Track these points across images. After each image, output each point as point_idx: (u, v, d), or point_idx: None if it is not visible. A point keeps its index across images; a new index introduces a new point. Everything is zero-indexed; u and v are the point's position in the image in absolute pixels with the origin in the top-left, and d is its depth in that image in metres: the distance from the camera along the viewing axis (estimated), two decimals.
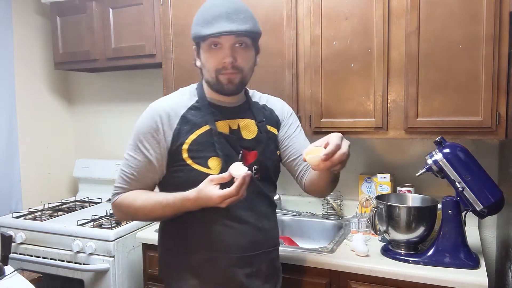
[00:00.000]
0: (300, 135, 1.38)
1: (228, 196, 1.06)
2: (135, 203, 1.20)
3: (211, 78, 1.19)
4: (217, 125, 1.21)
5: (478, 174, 1.42)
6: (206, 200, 1.09)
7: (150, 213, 1.20)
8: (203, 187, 1.10)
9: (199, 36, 1.15)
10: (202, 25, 1.14)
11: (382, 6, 1.63)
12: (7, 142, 2.33)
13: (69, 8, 2.32)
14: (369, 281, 1.48)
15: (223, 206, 1.08)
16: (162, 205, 1.17)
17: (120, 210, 1.24)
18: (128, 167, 1.21)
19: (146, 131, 1.18)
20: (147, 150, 1.18)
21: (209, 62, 1.18)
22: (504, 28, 1.49)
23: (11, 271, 1.43)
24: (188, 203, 1.13)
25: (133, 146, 1.21)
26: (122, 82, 2.58)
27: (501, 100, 1.51)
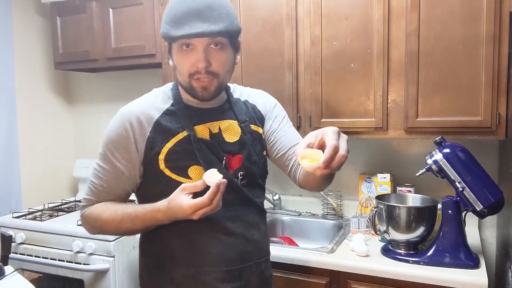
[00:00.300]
0: (287, 126, 1.26)
1: (200, 206, 0.96)
2: (102, 215, 1.11)
3: (184, 82, 1.08)
4: (195, 130, 1.10)
5: (478, 174, 1.42)
6: (177, 211, 1.00)
7: (119, 226, 1.09)
8: (174, 197, 1.01)
9: (168, 36, 1.02)
10: (170, 24, 1.01)
11: (382, 6, 1.63)
12: (7, 142, 2.33)
13: (69, 8, 2.32)
14: (369, 281, 1.48)
15: (194, 218, 0.98)
16: (131, 217, 1.07)
17: (88, 223, 1.15)
18: (97, 177, 1.12)
19: (115, 139, 1.09)
20: (117, 160, 1.09)
21: (181, 65, 1.06)
22: (504, 28, 1.49)
23: (11, 271, 1.43)
24: (158, 215, 1.04)
25: (102, 155, 1.11)
26: (122, 82, 2.58)
27: (501, 100, 1.51)
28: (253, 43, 1.87)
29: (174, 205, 1.00)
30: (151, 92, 1.18)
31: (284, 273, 1.59)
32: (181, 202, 0.99)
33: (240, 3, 1.87)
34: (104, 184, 1.12)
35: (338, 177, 2.10)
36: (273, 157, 1.26)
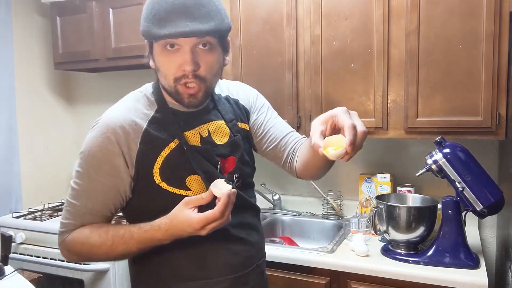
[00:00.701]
0: (273, 117, 1.19)
1: (211, 219, 0.87)
2: (89, 239, 0.96)
3: (168, 86, 0.96)
4: (186, 137, 1.00)
5: (478, 174, 1.42)
6: (182, 228, 0.90)
7: (110, 250, 0.95)
8: (177, 212, 0.91)
9: (150, 35, 0.92)
10: (152, 21, 0.90)
11: (382, 5, 1.63)
12: (7, 142, 2.33)
13: (69, 8, 2.32)
14: (369, 281, 1.48)
15: (203, 234, 0.89)
16: (125, 239, 0.94)
17: (72, 250, 1.00)
18: (79, 197, 0.97)
19: (98, 154, 0.95)
20: (103, 176, 0.96)
21: (164, 67, 0.95)
22: (504, 27, 1.49)
23: (11, 271, 1.43)
24: (158, 234, 0.92)
25: (82, 173, 0.97)
26: (122, 82, 2.58)
27: (501, 100, 1.51)
28: (253, 43, 1.87)
29: (179, 222, 0.90)
30: (130, 96, 1.05)
31: (284, 273, 1.59)
32: (188, 217, 0.89)
33: (240, 3, 1.87)
34: (89, 205, 0.98)
35: (338, 177, 2.11)
36: (263, 150, 1.19)
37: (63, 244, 1.01)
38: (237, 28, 1.88)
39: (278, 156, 1.18)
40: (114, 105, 1.03)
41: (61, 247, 1.02)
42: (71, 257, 1.04)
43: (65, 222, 1.00)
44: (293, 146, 1.17)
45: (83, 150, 0.99)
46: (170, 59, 0.93)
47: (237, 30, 1.88)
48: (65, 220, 1.00)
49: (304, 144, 1.14)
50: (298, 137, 1.20)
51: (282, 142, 1.17)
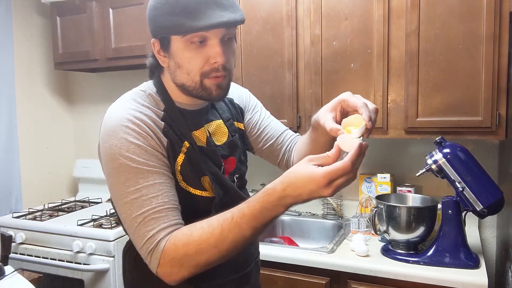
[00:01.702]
0: (266, 115, 1.18)
1: (341, 172, 0.72)
2: (193, 236, 0.81)
3: (192, 82, 0.91)
4: (194, 137, 0.97)
5: (478, 174, 1.42)
6: (303, 185, 0.75)
7: (220, 242, 0.80)
8: (296, 168, 0.77)
9: (184, 29, 0.85)
10: (182, 15, 0.84)
11: (382, 5, 1.63)
12: (7, 142, 2.33)
13: (69, 8, 2.32)
14: (369, 281, 1.48)
15: (327, 194, 0.74)
16: (235, 221, 0.79)
17: (175, 260, 0.81)
18: (149, 200, 0.83)
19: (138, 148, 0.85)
20: (157, 167, 0.86)
21: (192, 63, 0.89)
22: (504, 27, 1.49)
23: (11, 271, 1.43)
24: (273, 199, 0.77)
25: (135, 175, 0.83)
26: (122, 82, 2.58)
27: (501, 100, 1.51)
28: (253, 43, 1.87)
29: (300, 178, 0.75)
30: (133, 95, 0.96)
31: (284, 273, 1.59)
32: (311, 171, 0.74)
33: (240, 3, 1.87)
34: (165, 199, 0.85)
35: None
36: (259, 149, 1.17)
37: (164, 258, 0.81)
38: (237, 28, 1.88)
39: (274, 154, 1.17)
40: (117, 104, 0.93)
41: (163, 266, 0.82)
42: (177, 270, 0.82)
43: (150, 235, 0.82)
44: (289, 144, 1.17)
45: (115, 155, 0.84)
46: (196, 53, 0.88)
47: (237, 30, 1.88)
48: (150, 233, 0.82)
49: (302, 140, 1.13)
50: (293, 135, 1.20)
51: (278, 140, 1.16)
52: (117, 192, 0.85)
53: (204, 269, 0.84)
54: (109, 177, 0.86)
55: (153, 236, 0.81)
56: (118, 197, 0.85)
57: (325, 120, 0.87)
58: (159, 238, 0.81)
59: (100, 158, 0.92)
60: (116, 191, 0.85)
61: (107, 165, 0.86)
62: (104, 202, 2.49)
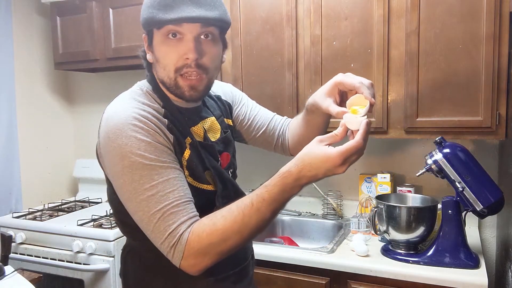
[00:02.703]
0: (253, 105, 1.22)
1: (354, 149, 0.78)
2: (216, 225, 0.82)
3: (168, 78, 0.92)
4: (193, 133, 0.98)
5: (478, 174, 1.42)
6: (319, 166, 0.79)
7: (243, 227, 0.82)
8: (310, 150, 0.80)
9: (155, 21, 0.88)
10: (158, 8, 0.87)
11: (382, 5, 1.63)
12: (7, 142, 2.33)
13: (69, 8, 2.32)
14: (369, 281, 1.48)
15: (341, 171, 0.80)
16: (256, 206, 0.81)
17: (200, 251, 0.82)
18: (166, 196, 0.83)
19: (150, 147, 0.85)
20: (169, 162, 0.87)
21: (166, 57, 0.91)
22: (504, 28, 1.49)
23: (11, 271, 1.43)
24: (289, 181, 0.80)
25: (149, 172, 0.83)
26: (122, 82, 2.56)
27: (501, 100, 1.51)
28: (253, 43, 1.87)
29: (314, 158, 0.79)
30: (132, 93, 0.96)
31: (284, 273, 1.59)
32: (325, 152, 0.79)
33: (240, 3, 1.87)
34: (181, 193, 0.85)
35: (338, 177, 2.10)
36: (251, 138, 1.20)
37: (188, 250, 0.82)
38: (237, 28, 1.88)
39: (268, 141, 1.21)
40: (118, 103, 0.92)
41: (188, 258, 0.82)
42: (201, 260, 0.83)
43: (172, 229, 0.82)
44: (281, 128, 1.21)
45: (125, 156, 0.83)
46: (171, 48, 0.89)
47: (237, 30, 1.88)
48: (171, 227, 0.82)
49: (296, 123, 1.17)
50: (282, 118, 1.24)
51: (269, 127, 1.20)
52: (131, 191, 0.84)
53: (226, 256, 0.86)
54: (119, 176, 0.85)
55: (174, 230, 0.82)
56: (133, 195, 0.84)
57: (327, 105, 0.93)
58: (181, 232, 0.82)
59: (102, 158, 0.91)
60: (131, 190, 0.84)
61: (117, 165, 0.85)
62: (104, 202, 2.49)
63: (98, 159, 0.95)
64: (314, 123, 1.09)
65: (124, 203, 0.87)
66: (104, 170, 0.94)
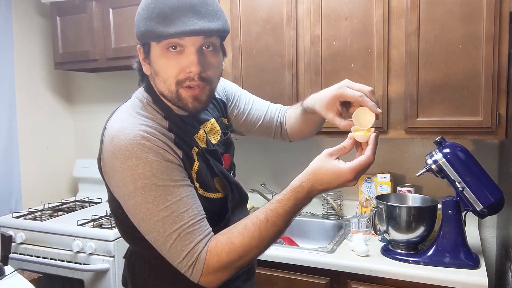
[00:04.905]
0: (247, 97, 1.21)
1: (366, 165, 0.83)
2: (235, 243, 0.83)
3: (168, 91, 0.89)
4: (197, 140, 0.97)
5: (478, 174, 1.42)
6: (330, 181, 0.83)
7: (261, 242, 0.84)
8: (320, 165, 0.84)
9: (155, 34, 0.85)
10: (157, 21, 0.84)
11: (382, 6, 1.63)
12: (7, 142, 2.33)
13: (69, 8, 2.32)
14: (369, 281, 1.48)
15: (353, 184, 0.84)
16: (272, 220, 0.83)
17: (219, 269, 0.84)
18: (181, 216, 0.83)
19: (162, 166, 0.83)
20: (181, 180, 0.86)
21: (166, 70, 0.88)
22: (504, 28, 1.49)
23: (11, 271, 1.43)
24: (301, 195, 0.84)
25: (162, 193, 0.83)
26: (122, 82, 2.58)
27: (501, 100, 1.51)
28: (253, 43, 1.87)
29: (325, 174, 0.83)
30: (133, 106, 0.94)
31: (284, 273, 1.59)
32: (337, 168, 0.82)
33: (240, 3, 1.87)
34: (195, 211, 0.85)
35: None
36: (249, 130, 1.21)
37: (207, 268, 0.83)
38: (237, 28, 1.88)
39: (267, 132, 1.22)
40: (122, 118, 0.90)
41: (207, 275, 0.83)
42: (220, 275, 0.85)
43: (189, 249, 0.82)
44: (278, 117, 1.22)
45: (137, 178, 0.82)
46: (172, 61, 0.87)
47: (237, 30, 1.88)
48: (188, 247, 0.82)
49: (294, 116, 1.18)
50: (277, 108, 1.24)
51: (266, 118, 1.20)
52: (145, 212, 0.83)
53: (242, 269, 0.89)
54: (131, 197, 0.84)
55: (192, 250, 0.82)
56: (147, 217, 0.83)
57: (331, 118, 0.96)
58: (198, 251, 0.83)
59: (108, 176, 0.89)
60: (144, 211, 0.83)
61: (128, 186, 0.83)
62: (104, 202, 2.49)
63: (101, 174, 0.92)
64: (313, 121, 1.14)
65: (137, 223, 0.86)
66: (110, 187, 0.91)
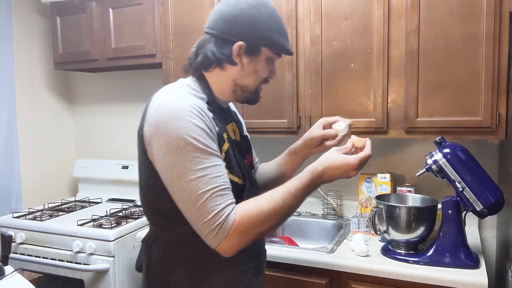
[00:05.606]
0: None
1: (366, 158, 1.03)
2: (263, 209, 0.93)
3: (254, 86, 1.09)
4: (227, 130, 1.09)
5: (478, 174, 1.42)
6: (338, 168, 1.00)
7: (282, 212, 0.96)
8: (330, 157, 1.02)
9: (284, 49, 1.09)
10: (285, 38, 1.09)
11: (382, 5, 1.63)
12: (7, 142, 2.33)
13: (69, 8, 2.32)
14: (369, 281, 1.48)
15: (354, 175, 1.02)
16: (293, 194, 0.97)
17: (244, 231, 0.92)
18: (215, 179, 0.91)
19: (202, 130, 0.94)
20: (216, 151, 0.96)
21: (263, 71, 1.09)
22: (504, 28, 1.49)
23: (11, 271, 1.43)
24: (315, 177, 0.99)
25: (201, 155, 0.91)
26: (122, 82, 2.58)
27: (501, 100, 1.51)
28: None
29: (336, 164, 1.01)
30: (183, 87, 1.05)
31: (284, 273, 1.59)
32: (346, 159, 1.01)
33: None
34: (226, 179, 0.94)
35: None
36: None
37: (234, 229, 0.90)
38: None
39: None
40: (172, 92, 1.01)
41: (231, 236, 0.91)
42: (241, 240, 0.93)
43: (219, 209, 0.90)
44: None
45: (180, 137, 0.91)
46: (269, 67, 1.11)
47: None
48: (218, 207, 0.90)
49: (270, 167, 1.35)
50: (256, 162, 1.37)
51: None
52: (182, 170, 0.90)
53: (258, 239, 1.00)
54: (171, 155, 0.91)
55: (221, 210, 0.90)
56: (183, 175, 0.90)
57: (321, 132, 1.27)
58: (227, 212, 0.91)
59: (149, 141, 0.95)
60: (181, 169, 0.90)
61: (170, 145, 0.91)
62: (104, 202, 2.50)
63: (141, 143, 0.99)
64: (294, 163, 1.30)
65: (170, 182, 0.93)
66: (148, 153, 0.97)
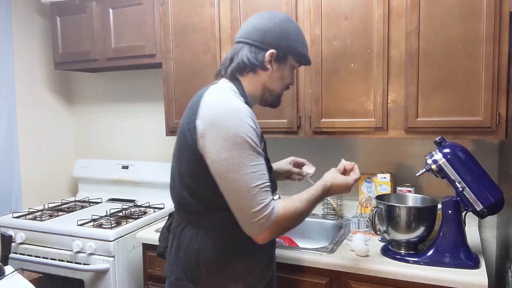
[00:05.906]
0: None
1: (358, 178, 1.27)
2: (298, 209, 1.13)
3: (279, 90, 1.28)
4: None
5: (478, 174, 1.42)
6: (339, 186, 1.23)
7: (306, 213, 1.17)
8: (335, 176, 1.24)
9: (305, 59, 1.27)
10: (306, 49, 1.27)
11: (382, 5, 1.63)
12: (7, 142, 2.33)
13: (69, 8, 2.32)
14: (369, 281, 1.48)
15: (348, 192, 1.26)
16: (312, 201, 1.18)
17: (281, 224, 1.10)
18: (262, 175, 1.06)
19: (253, 132, 1.08)
20: (262, 151, 1.10)
21: (288, 77, 1.27)
22: (504, 28, 1.49)
23: (11, 271, 1.43)
24: (325, 189, 1.21)
25: (253, 153, 1.06)
26: (122, 82, 2.58)
27: (501, 100, 1.51)
28: None
29: (338, 183, 1.23)
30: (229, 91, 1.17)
31: (284, 273, 1.59)
32: (345, 179, 1.24)
33: (241, 3, 1.87)
34: (268, 177, 1.09)
35: None
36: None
37: (275, 221, 1.07)
38: (237, 28, 1.87)
39: None
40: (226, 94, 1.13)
41: (271, 228, 1.07)
42: (276, 232, 1.11)
43: (266, 202, 1.05)
44: None
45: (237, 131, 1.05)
46: (291, 74, 1.29)
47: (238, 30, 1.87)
48: (265, 201, 1.05)
49: None
50: None
51: None
52: (238, 164, 1.04)
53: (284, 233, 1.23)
54: (228, 150, 1.04)
55: (268, 204, 1.06)
56: (239, 168, 1.04)
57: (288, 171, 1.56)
58: (272, 206, 1.07)
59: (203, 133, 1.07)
60: (238, 163, 1.04)
61: (229, 139, 1.04)
62: (104, 202, 2.50)
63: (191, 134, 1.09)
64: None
65: (223, 173, 1.06)
66: (200, 145, 1.08)
